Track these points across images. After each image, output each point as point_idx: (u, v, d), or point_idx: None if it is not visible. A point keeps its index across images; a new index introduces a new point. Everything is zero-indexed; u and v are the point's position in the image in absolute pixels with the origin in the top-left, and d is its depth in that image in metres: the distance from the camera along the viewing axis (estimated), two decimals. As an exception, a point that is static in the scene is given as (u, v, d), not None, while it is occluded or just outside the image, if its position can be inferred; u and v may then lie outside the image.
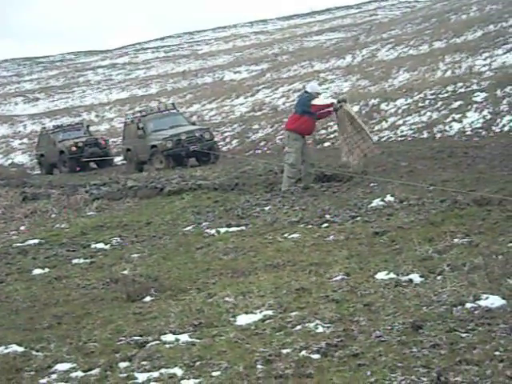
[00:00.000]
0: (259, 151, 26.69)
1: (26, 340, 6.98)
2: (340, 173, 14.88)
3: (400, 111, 24.81)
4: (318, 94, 15.08)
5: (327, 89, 34.03)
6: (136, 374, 5.81)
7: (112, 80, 62.50)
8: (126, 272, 9.43)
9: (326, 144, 24.33)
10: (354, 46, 43.00)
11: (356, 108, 26.85)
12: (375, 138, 22.61)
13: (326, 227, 10.50)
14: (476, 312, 5.99)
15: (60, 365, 6.23)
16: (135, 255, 10.60)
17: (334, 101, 14.61)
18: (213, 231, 11.55)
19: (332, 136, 24.05)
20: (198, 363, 5.82)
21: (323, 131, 25.22)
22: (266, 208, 12.77)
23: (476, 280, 6.67)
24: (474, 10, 38.92)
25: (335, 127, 18.38)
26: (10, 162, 39.13)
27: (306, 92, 14.93)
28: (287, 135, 14.95)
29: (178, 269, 9.33)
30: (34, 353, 6.61)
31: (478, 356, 5.13)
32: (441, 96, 24.34)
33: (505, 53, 27.51)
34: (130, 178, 19.68)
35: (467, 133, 20.66)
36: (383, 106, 26.03)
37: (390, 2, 75.14)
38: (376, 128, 24.22)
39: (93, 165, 30.95)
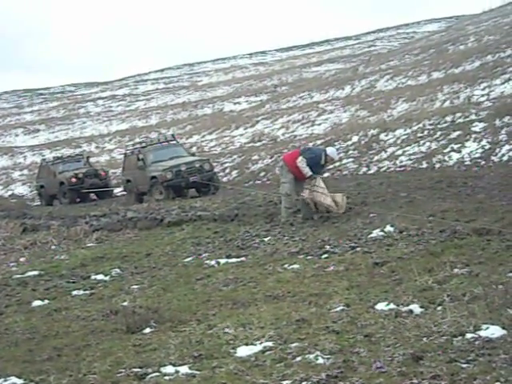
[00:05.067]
0: (259, 182, 26.71)
1: (26, 372, 6.96)
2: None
3: (399, 141, 24.87)
4: (332, 159, 15.39)
5: (326, 120, 34.17)
6: (136, 407, 5.78)
7: (112, 111, 62.69)
8: (125, 303, 9.42)
9: (325, 175, 24.37)
10: (352, 76, 43.22)
11: (355, 138, 26.96)
12: (371, 171, 22.75)
13: (326, 258, 10.50)
14: (476, 342, 5.98)
15: (59, 397, 6.21)
16: (135, 286, 10.59)
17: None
18: (213, 262, 11.55)
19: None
20: (198, 395, 5.80)
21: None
22: (266, 239, 12.78)
23: (476, 310, 6.66)
24: (472, 40, 39.15)
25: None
26: (10, 193, 39.14)
27: (324, 151, 14.81)
28: (282, 165, 14.98)
29: (178, 300, 9.32)
30: (33, 385, 6.58)
31: (479, 387, 5.11)
32: (439, 126, 24.42)
33: (503, 83, 27.63)
34: (129, 209, 19.69)
35: (466, 163, 20.70)
36: (382, 136, 26.09)
37: (389, 33, 75.64)
38: (375, 158, 24.27)
39: (93, 196, 30.98)
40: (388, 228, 11.50)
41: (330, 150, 15.07)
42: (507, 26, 38.37)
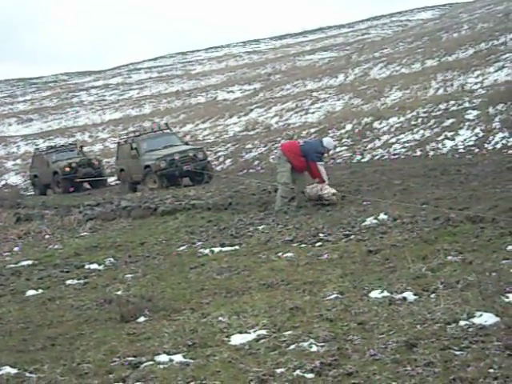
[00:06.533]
0: (252, 170, 26.70)
1: (20, 362, 6.95)
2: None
3: (393, 129, 24.89)
4: (329, 150, 15.29)
5: (320, 108, 34.14)
6: (130, 395, 5.78)
7: (105, 100, 62.47)
8: (119, 292, 9.41)
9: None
10: (346, 64, 43.17)
11: (349, 126, 26.95)
12: (365, 159, 22.76)
13: (320, 246, 10.50)
14: (470, 330, 5.98)
15: (53, 386, 6.20)
16: (129, 276, 10.59)
17: (326, 183, 14.36)
18: (206, 251, 11.54)
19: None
20: (192, 384, 5.80)
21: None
22: (260, 227, 12.78)
23: (470, 297, 6.67)
24: (466, 28, 39.15)
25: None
26: (3, 183, 39.06)
27: (321, 142, 14.88)
28: (279, 155, 14.92)
29: (172, 289, 9.31)
30: (27, 374, 6.56)
31: (472, 374, 5.12)
32: (433, 114, 24.44)
33: (496, 70, 27.66)
34: (123, 199, 19.65)
35: (460, 150, 20.73)
36: (376, 124, 26.10)
37: (382, 21, 75.44)
38: (369, 146, 24.29)
39: (86, 185, 30.93)
40: (382, 216, 11.50)
41: (327, 142, 14.94)
42: (501, 13, 38.36)
